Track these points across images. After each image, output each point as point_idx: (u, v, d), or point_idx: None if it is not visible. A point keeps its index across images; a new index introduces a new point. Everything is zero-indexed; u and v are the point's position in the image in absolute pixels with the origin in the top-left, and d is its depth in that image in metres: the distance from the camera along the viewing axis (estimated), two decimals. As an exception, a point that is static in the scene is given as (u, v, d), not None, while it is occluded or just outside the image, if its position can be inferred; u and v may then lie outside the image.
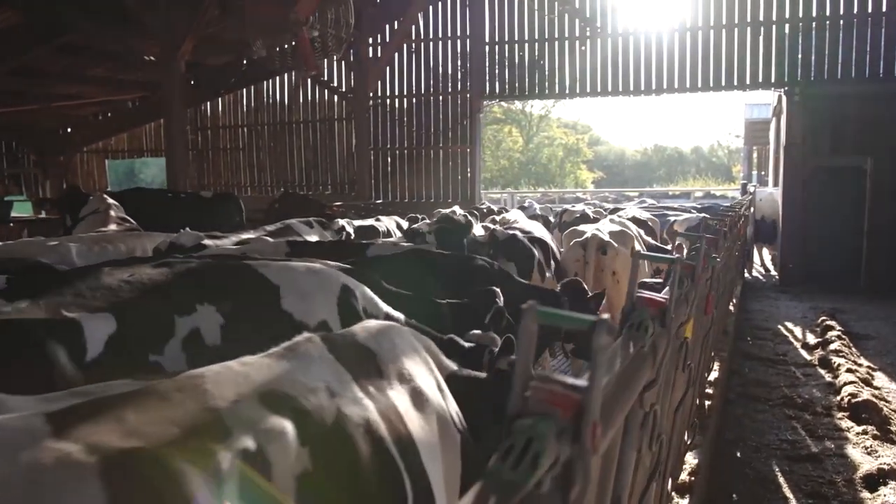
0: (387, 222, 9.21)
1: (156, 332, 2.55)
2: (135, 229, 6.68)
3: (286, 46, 10.55)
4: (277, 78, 17.89)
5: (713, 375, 6.37)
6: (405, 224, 9.62)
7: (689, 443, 3.93)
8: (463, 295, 3.79)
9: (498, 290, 3.79)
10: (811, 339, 9.07)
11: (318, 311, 2.95)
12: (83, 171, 21.22)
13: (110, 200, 7.09)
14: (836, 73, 13.60)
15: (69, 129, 20.80)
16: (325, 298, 3.02)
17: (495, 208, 13.18)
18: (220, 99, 18.81)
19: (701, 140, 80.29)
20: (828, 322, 9.52)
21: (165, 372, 2.30)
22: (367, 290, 3.20)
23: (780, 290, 13.49)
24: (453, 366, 2.28)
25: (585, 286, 5.01)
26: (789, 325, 10.10)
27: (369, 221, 9.14)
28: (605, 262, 6.54)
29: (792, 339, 9.29)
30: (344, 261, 3.69)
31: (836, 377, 7.19)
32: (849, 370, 7.17)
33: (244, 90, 18.50)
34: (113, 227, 6.58)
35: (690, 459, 4.20)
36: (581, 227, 7.43)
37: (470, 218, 11.42)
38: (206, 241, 5.36)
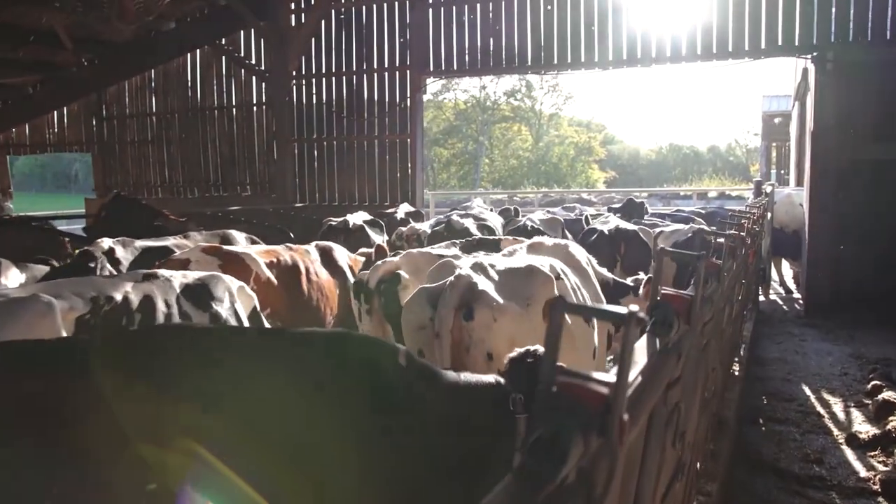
0: (195, 238, 6.01)
1: None
2: None
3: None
4: (189, 55, 14.78)
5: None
6: (242, 239, 6.49)
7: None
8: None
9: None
10: (861, 424, 5.75)
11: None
12: (-16, 168, 18.33)
13: None
14: (884, 32, 10.11)
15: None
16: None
17: (423, 212, 9.96)
18: (126, 83, 15.70)
19: (718, 139, 77.70)
20: (885, 395, 6.11)
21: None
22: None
23: (806, 322, 10.10)
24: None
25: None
26: (824, 393, 6.73)
27: (169, 241, 5.94)
28: (470, 335, 3.25)
29: (829, 422, 5.94)
30: None
31: (921, 537, 3.89)
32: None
33: (152, 72, 15.39)
34: None
35: None
36: (458, 260, 4.14)
37: (367, 229, 8.28)
38: None
